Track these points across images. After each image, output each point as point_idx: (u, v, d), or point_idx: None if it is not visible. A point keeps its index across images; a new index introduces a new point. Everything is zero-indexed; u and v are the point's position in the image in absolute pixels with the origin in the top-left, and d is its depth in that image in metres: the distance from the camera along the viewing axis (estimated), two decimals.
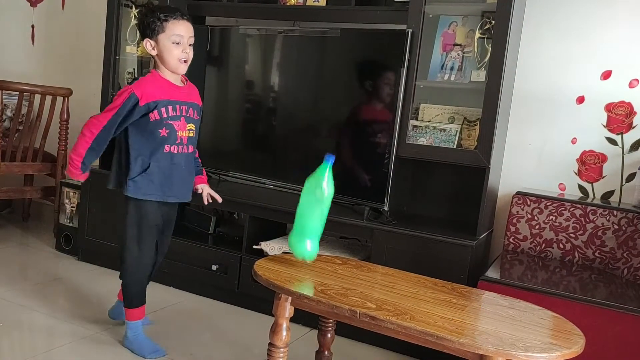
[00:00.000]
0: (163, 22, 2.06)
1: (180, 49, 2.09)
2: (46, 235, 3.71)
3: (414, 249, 2.42)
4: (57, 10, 4.07)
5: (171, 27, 2.07)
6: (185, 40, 2.09)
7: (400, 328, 1.52)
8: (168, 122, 2.11)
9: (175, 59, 2.09)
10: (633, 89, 2.57)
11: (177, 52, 2.08)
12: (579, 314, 1.96)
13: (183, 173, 2.20)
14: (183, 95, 2.16)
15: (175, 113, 2.12)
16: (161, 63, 2.12)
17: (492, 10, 2.45)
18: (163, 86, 2.12)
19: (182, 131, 2.15)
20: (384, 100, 2.66)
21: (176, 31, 2.07)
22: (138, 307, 2.24)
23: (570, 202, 2.55)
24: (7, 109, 3.72)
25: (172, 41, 2.07)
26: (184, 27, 2.10)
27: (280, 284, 1.74)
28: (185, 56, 2.10)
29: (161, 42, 2.08)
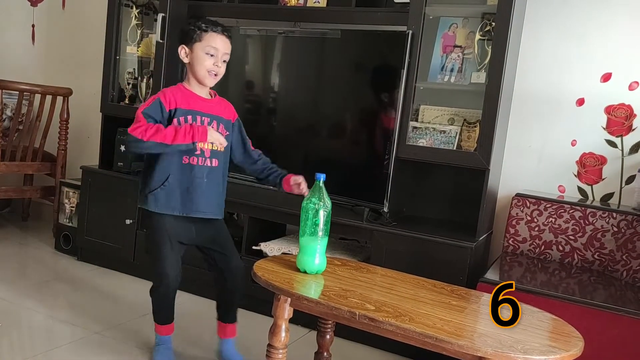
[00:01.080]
0: (202, 32, 2.04)
1: (213, 61, 2.05)
2: (45, 235, 3.71)
3: (414, 250, 2.42)
4: (57, 10, 4.07)
5: (208, 39, 2.05)
6: (219, 54, 2.06)
7: (399, 330, 1.51)
8: None
9: (204, 69, 2.05)
10: (633, 92, 2.57)
11: (208, 63, 2.05)
12: (578, 316, 1.96)
13: (204, 187, 2.09)
14: (207, 107, 2.11)
15: (195, 123, 2.05)
16: (191, 72, 2.09)
17: (493, 12, 2.45)
18: (185, 96, 2.08)
19: (203, 143, 2.04)
20: (384, 102, 2.66)
21: (212, 43, 2.05)
22: (163, 324, 2.17)
23: (570, 204, 2.55)
24: (7, 109, 3.72)
25: (206, 52, 2.05)
26: (221, 42, 2.07)
27: (280, 285, 1.74)
28: (216, 70, 2.07)
29: (195, 51, 2.06)
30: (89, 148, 3.87)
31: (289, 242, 2.79)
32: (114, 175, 3.15)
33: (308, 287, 1.77)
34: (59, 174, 3.61)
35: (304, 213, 1.85)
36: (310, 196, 1.85)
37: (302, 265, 1.87)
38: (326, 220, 1.85)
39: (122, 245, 3.10)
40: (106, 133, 3.29)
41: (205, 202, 2.10)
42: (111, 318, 2.56)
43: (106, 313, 2.60)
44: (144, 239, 2.16)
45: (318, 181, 1.86)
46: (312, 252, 1.85)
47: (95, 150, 3.37)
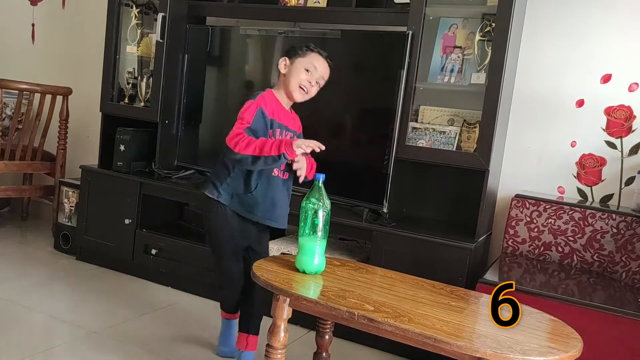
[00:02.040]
0: (308, 51, 2.10)
1: (308, 77, 2.08)
2: (45, 235, 3.71)
3: (413, 250, 2.42)
4: (57, 10, 4.07)
5: (312, 57, 2.09)
6: (317, 74, 2.09)
7: (398, 330, 1.51)
8: None
9: (297, 82, 2.07)
10: (632, 93, 2.57)
11: (303, 77, 2.07)
12: (577, 317, 1.96)
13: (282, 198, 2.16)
14: (289, 121, 2.15)
15: (283, 137, 2.08)
16: (283, 84, 2.12)
17: (493, 13, 2.45)
18: (278, 106, 2.11)
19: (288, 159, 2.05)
20: (383, 102, 2.66)
21: (314, 62, 2.08)
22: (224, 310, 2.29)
23: (569, 205, 2.55)
24: (7, 108, 3.72)
25: (305, 67, 2.08)
26: (322, 64, 2.10)
27: (279, 285, 1.73)
28: (308, 86, 2.09)
29: (295, 64, 2.09)
30: (89, 147, 3.87)
31: (289, 243, 2.79)
32: (113, 175, 3.14)
33: (307, 287, 1.77)
34: (58, 173, 3.61)
35: (303, 213, 1.85)
36: (309, 196, 1.85)
37: (301, 265, 1.86)
38: (325, 220, 1.84)
39: (121, 245, 3.09)
40: (106, 132, 3.29)
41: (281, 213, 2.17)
42: (110, 317, 2.56)
43: (105, 312, 2.60)
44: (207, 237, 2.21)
45: (317, 181, 1.86)
46: (311, 253, 1.85)
47: (95, 149, 3.37)
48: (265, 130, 2.03)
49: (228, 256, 2.14)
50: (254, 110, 2.01)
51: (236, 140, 1.94)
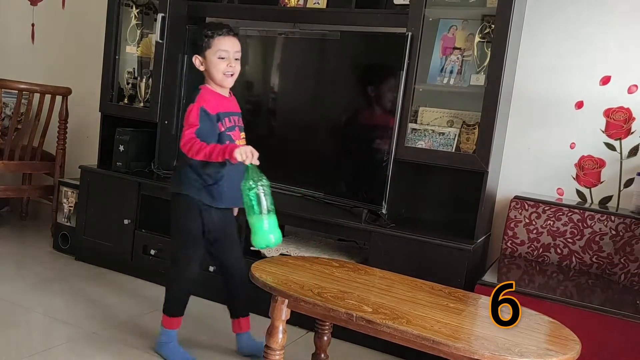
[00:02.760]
0: (209, 39, 2.12)
1: (226, 63, 2.12)
2: (44, 235, 3.70)
3: (412, 252, 2.42)
4: (57, 10, 4.07)
5: (217, 43, 2.12)
6: (230, 55, 2.13)
7: (397, 332, 1.52)
8: (228, 134, 2.14)
9: (220, 73, 2.13)
10: (632, 95, 2.57)
11: (222, 66, 2.12)
12: (576, 319, 1.95)
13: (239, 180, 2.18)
14: (232, 106, 2.22)
15: (231, 124, 2.16)
16: (209, 78, 2.17)
17: (492, 14, 2.45)
18: (217, 98, 2.16)
19: (239, 140, 2.18)
20: (383, 103, 2.66)
21: (222, 47, 2.11)
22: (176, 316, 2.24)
23: (568, 207, 2.55)
24: (6, 108, 3.72)
25: (218, 56, 2.11)
26: (229, 43, 2.13)
27: (277, 287, 1.74)
28: (231, 70, 2.14)
29: (208, 58, 2.13)
30: (88, 148, 3.86)
31: (287, 243, 2.79)
32: (112, 175, 3.14)
33: (305, 288, 1.77)
34: (57, 173, 3.61)
35: (246, 196, 1.90)
36: (246, 179, 1.91)
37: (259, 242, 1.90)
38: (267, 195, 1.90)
39: (120, 245, 3.09)
40: (105, 133, 3.28)
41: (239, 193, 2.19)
42: (108, 318, 2.55)
43: (103, 313, 2.60)
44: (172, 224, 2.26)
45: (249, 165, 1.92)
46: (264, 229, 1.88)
47: (94, 149, 3.37)
48: (212, 127, 2.10)
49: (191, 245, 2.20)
50: (197, 113, 2.07)
51: (188, 146, 2.03)
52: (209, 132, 2.08)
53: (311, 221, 2.65)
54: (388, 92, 2.61)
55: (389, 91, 2.59)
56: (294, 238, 2.93)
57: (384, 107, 2.64)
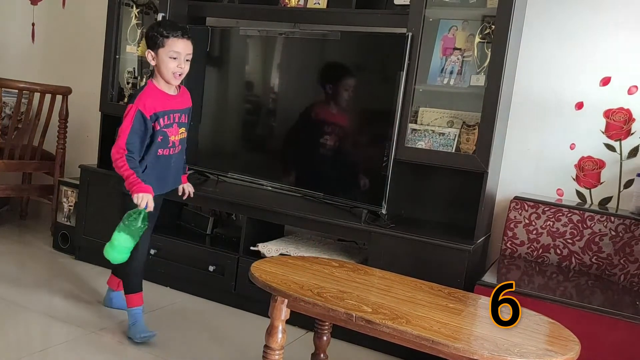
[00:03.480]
0: (164, 39, 2.25)
1: (176, 63, 2.27)
2: (43, 234, 3.70)
3: (411, 252, 2.42)
4: (57, 9, 4.07)
5: (170, 44, 2.25)
6: (182, 56, 2.28)
7: (396, 332, 1.52)
8: (163, 130, 2.30)
9: (170, 72, 2.27)
10: (632, 96, 2.58)
11: (172, 65, 2.26)
12: (575, 320, 1.96)
13: (172, 170, 2.43)
14: (176, 103, 2.36)
15: (169, 121, 2.32)
16: (159, 73, 2.31)
17: (492, 15, 2.46)
18: (159, 97, 2.30)
19: (175, 136, 2.36)
20: (383, 104, 2.66)
21: (174, 48, 2.26)
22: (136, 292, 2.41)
23: (568, 208, 2.55)
24: (7, 107, 3.72)
25: (170, 56, 2.25)
26: (182, 45, 2.27)
27: (277, 286, 1.74)
28: (180, 70, 2.29)
29: (160, 56, 2.27)
30: (88, 147, 3.86)
31: (287, 243, 2.79)
32: (112, 175, 3.11)
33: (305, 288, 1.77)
34: (57, 172, 3.61)
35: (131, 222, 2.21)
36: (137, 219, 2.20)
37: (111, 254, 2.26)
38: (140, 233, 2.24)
39: None
40: (105, 132, 3.28)
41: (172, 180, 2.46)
42: (108, 317, 2.56)
43: (103, 312, 2.60)
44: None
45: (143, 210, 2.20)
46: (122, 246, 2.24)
47: (94, 149, 3.37)
48: (145, 131, 2.25)
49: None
50: (132, 115, 2.22)
51: (114, 158, 2.23)
52: (140, 133, 2.24)
53: (311, 221, 2.66)
54: (388, 93, 2.60)
55: (389, 91, 2.59)
56: (294, 238, 2.94)
57: (384, 108, 2.64)
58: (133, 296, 2.39)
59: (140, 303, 2.40)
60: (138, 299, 2.40)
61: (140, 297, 2.41)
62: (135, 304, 2.39)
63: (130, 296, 2.40)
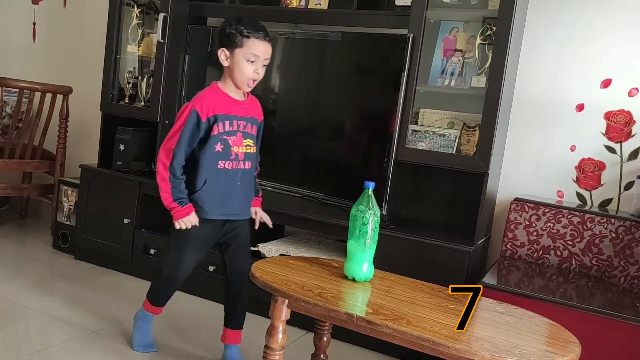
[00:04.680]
0: (243, 39, 2.01)
1: (253, 68, 2.03)
2: (43, 233, 3.70)
3: (412, 253, 2.42)
4: (58, 8, 4.07)
5: (250, 45, 2.01)
6: (260, 60, 2.03)
7: (397, 333, 1.52)
8: (223, 138, 2.04)
9: (245, 76, 2.03)
10: (632, 98, 2.58)
11: (249, 70, 2.02)
12: (576, 321, 1.96)
13: (239, 190, 2.12)
14: (243, 110, 2.10)
15: (232, 128, 2.06)
16: (229, 76, 2.07)
17: (494, 17, 2.46)
18: (222, 100, 2.06)
19: (238, 147, 2.07)
20: (383, 104, 2.66)
21: (254, 50, 2.01)
22: (157, 306, 2.25)
23: (568, 210, 2.55)
24: (7, 106, 3.72)
25: (247, 59, 2.01)
26: (262, 48, 2.03)
27: (277, 287, 1.73)
28: (256, 76, 2.05)
29: (236, 57, 2.02)
30: (89, 147, 3.86)
31: (287, 244, 2.79)
32: (112, 174, 3.14)
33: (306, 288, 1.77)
34: (57, 172, 3.61)
35: (352, 221, 1.87)
36: (358, 204, 1.86)
37: (350, 272, 1.87)
38: (374, 228, 1.86)
39: (120, 244, 3.09)
40: (106, 132, 3.28)
41: (239, 204, 2.14)
42: (108, 317, 2.55)
43: (103, 312, 2.60)
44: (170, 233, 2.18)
45: (367, 189, 1.86)
46: (360, 260, 1.86)
47: (95, 149, 3.37)
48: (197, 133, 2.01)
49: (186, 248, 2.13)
50: (186, 117, 2.00)
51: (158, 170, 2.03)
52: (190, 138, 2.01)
53: (311, 222, 2.65)
54: (389, 93, 2.61)
55: (390, 92, 2.59)
56: (294, 238, 2.94)
57: (385, 108, 2.64)
58: (153, 307, 2.25)
59: (157, 313, 2.26)
60: (156, 310, 2.26)
61: (160, 311, 2.27)
62: (151, 310, 2.25)
63: (150, 305, 2.24)
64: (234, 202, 2.11)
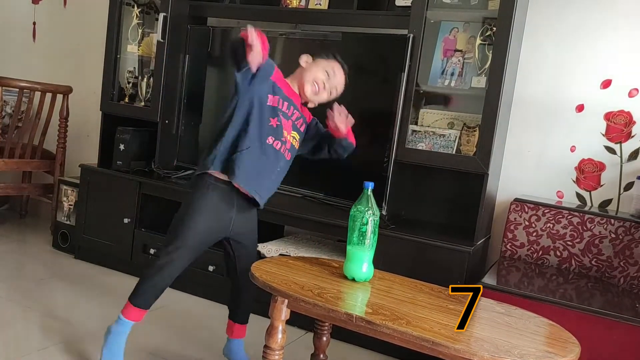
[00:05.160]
0: (332, 58, 2.08)
1: (325, 78, 2.05)
2: (43, 233, 3.70)
3: (412, 253, 2.42)
4: (58, 8, 4.07)
5: (334, 65, 2.08)
6: (334, 80, 2.07)
7: (396, 333, 1.51)
8: (280, 115, 1.97)
9: (313, 77, 2.05)
10: (632, 99, 2.58)
11: (320, 75, 2.05)
12: (575, 322, 1.96)
13: (274, 175, 2.03)
14: (297, 102, 2.08)
15: (289, 112, 2.02)
16: (299, 76, 2.08)
17: (494, 17, 2.46)
18: (287, 84, 2.05)
19: (288, 133, 2.02)
20: (383, 105, 2.66)
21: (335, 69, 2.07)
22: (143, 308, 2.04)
23: (568, 210, 2.55)
24: (7, 106, 3.72)
25: (325, 69, 2.06)
26: (340, 75, 2.09)
27: (277, 287, 1.73)
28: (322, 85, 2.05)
29: (316, 63, 2.08)
30: (89, 146, 3.87)
31: (287, 244, 2.79)
32: (112, 174, 3.14)
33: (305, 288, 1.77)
34: (57, 171, 3.61)
35: (351, 221, 1.86)
36: (357, 204, 1.85)
37: (350, 272, 1.86)
38: (374, 228, 1.85)
39: (120, 244, 3.09)
40: (106, 131, 3.29)
41: (267, 190, 2.02)
42: (107, 317, 2.55)
43: (102, 312, 2.60)
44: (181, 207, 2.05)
45: (366, 189, 1.85)
46: (360, 260, 1.85)
47: (95, 148, 3.37)
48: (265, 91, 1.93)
49: (190, 243, 1.99)
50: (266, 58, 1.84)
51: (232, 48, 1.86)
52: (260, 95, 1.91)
53: (311, 222, 2.65)
54: (389, 94, 2.61)
55: (390, 92, 2.59)
56: (294, 239, 2.94)
57: (385, 109, 2.64)
58: (135, 310, 2.01)
59: (137, 320, 2.03)
60: (138, 315, 2.02)
61: (142, 317, 2.04)
62: (132, 317, 2.01)
63: (133, 308, 2.01)
64: (263, 185, 2.00)
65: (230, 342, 2.23)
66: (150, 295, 2.03)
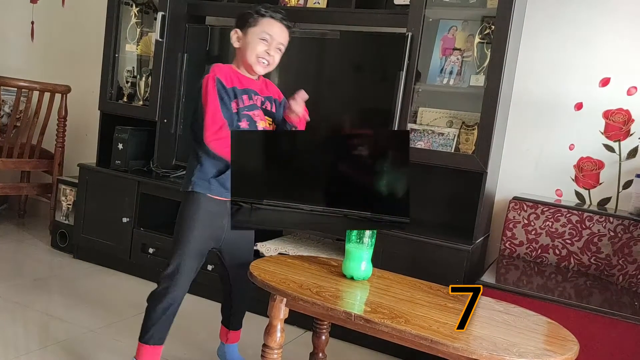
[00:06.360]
0: (258, 17, 1.89)
1: (265, 47, 1.88)
2: (42, 233, 3.70)
3: (410, 252, 2.42)
4: (57, 7, 4.07)
5: (264, 24, 1.89)
6: (273, 42, 1.90)
7: (395, 331, 1.51)
8: (245, 113, 1.89)
9: (255, 55, 1.88)
10: (631, 97, 2.58)
11: (260, 48, 1.88)
12: (574, 320, 1.96)
13: None
14: (257, 87, 1.97)
15: (252, 102, 1.92)
16: (240, 58, 1.93)
17: (492, 16, 2.46)
18: (236, 75, 1.92)
19: (263, 122, 1.93)
20: (382, 103, 2.66)
21: (268, 30, 1.88)
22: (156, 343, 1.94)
23: (567, 208, 2.55)
24: (5, 105, 3.71)
25: (260, 37, 1.88)
26: (278, 29, 1.91)
27: (276, 285, 1.73)
28: (267, 57, 1.90)
29: (248, 36, 1.89)
30: (87, 146, 3.86)
31: (286, 243, 2.79)
32: (111, 174, 3.14)
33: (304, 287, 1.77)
34: (56, 171, 3.61)
35: None
36: None
37: (349, 271, 1.86)
38: None
39: (119, 244, 3.09)
40: (104, 131, 3.28)
41: None
42: (106, 316, 2.55)
43: (101, 311, 2.60)
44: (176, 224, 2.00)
45: None
46: (359, 259, 1.85)
47: (93, 148, 3.37)
48: (230, 102, 1.86)
49: (190, 251, 1.94)
50: (213, 87, 1.82)
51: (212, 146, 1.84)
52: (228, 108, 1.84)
53: None
54: (387, 92, 2.60)
55: (389, 91, 2.59)
56: (293, 237, 2.93)
57: (384, 107, 2.64)
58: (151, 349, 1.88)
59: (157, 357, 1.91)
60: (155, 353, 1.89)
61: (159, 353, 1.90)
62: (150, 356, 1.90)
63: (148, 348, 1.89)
64: None
65: (224, 345, 2.22)
66: (164, 323, 1.94)
